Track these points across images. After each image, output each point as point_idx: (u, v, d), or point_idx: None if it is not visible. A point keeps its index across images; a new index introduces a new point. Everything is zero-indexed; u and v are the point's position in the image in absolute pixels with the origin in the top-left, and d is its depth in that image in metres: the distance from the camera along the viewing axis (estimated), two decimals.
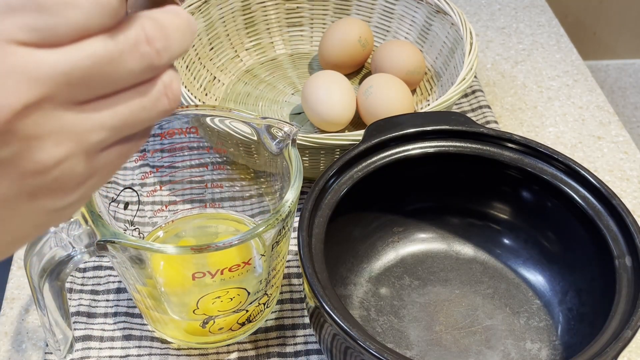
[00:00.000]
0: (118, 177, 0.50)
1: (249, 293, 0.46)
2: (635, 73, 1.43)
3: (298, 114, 0.67)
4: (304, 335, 0.50)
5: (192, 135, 0.50)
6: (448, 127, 0.50)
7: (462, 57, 0.62)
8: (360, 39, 0.68)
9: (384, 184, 0.50)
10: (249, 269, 0.44)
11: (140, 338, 0.50)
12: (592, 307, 0.46)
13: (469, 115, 0.67)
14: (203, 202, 0.54)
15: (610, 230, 0.45)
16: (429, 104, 0.66)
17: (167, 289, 0.46)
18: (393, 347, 0.47)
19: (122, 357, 0.49)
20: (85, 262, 0.52)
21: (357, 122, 0.66)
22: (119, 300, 0.52)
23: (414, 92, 0.69)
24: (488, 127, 0.54)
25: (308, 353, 0.49)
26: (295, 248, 0.54)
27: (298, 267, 0.54)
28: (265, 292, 0.47)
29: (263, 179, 0.52)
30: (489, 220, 0.53)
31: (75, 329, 0.50)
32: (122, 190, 0.49)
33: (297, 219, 0.49)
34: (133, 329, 0.50)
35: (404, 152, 0.49)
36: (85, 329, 0.50)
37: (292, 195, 0.42)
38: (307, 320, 0.51)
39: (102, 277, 0.53)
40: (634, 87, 1.44)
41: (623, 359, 0.51)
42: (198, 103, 0.57)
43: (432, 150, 0.50)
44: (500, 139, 0.50)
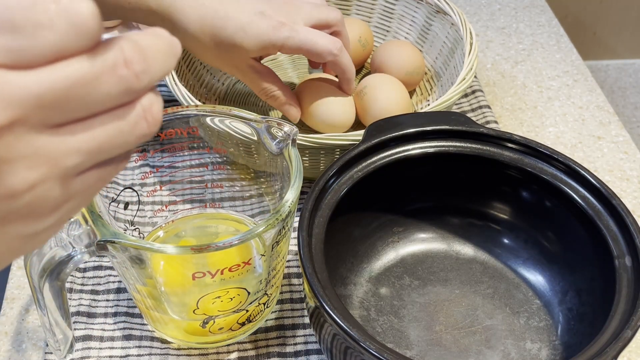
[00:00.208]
0: (118, 177, 0.50)
1: (249, 293, 0.46)
2: (635, 73, 1.43)
3: None
4: (304, 335, 0.50)
5: (192, 135, 0.50)
6: (448, 127, 0.50)
7: (462, 57, 0.62)
8: (360, 39, 0.68)
9: (384, 184, 0.50)
10: (249, 269, 0.44)
11: (140, 338, 0.50)
12: (592, 307, 0.46)
13: (469, 115, 0.67)
14: (203, 202, 0.54)
15: (610, 230, 0.45)
16: (429, 104, 0.66)
17: (167, 289, 0.46)
18: (393, 347, 0.47)
19: (122, 357, 0.49)
20: (85, 262, 0.52)
21: (356, 122, 0.66)
22: (119, 300, 0.52)
23: (414, 92, 0.69)
24: (488, 127, 0.54)
25: (308, 353, 0.49)
26: (295, 248, 0.54)
27: (298, 267, 0.54)
28: (265, 292, 0.47)
29: (263, 179, 0.52)
30: (489, 220, 0.53)
31: (75, 329, 0.50)
32: (122, 190, 0.49)
33: (297, 219, 0.49)
34: (133, 329, 0.50)
35: (404, 152, 0.49)
36: (85, 329, 0.50)
37: (292, 195, 0.42)
38: (307, 320, 0.51)
39: (102, 277, 0.53)
40: (634, 87, 1.44)
41: (623, 359, 0.51)
42: (198, 103, 0.57)
43: (432, 150, 0.50)
44: (500, 139, 0.50)
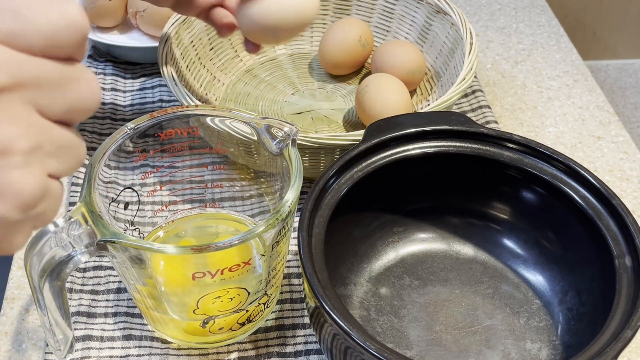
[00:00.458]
0: (118, 177, 0.50)
1: (249, 293, 0.46)
2: (635, 73, 1.43)
3: (298, 114, 0.67)
4: (304, 335, 0.50)
5: (192, 135, 0.50)
6: (448, 127, 0.50)
7: (462, 57, 0.62)
8: (360, 39, 0.68)
9: (384, 184, 0.50)
10: (249, 269, 0.44)
11: (140, 338, 0.50)
12: (592, 307, 0.46)
13: (469, 115, 0.67)
14: (203, 202, 0.54)
15: (610, 230, 0.45)
16: (429, 104, 0.66)
17: (167, 289, 0.46)
18: (393, 347, 0.47)
19: (122, 357, 0.49)
20: (85, 262, 0.52)
21: (356, 122, 0.66)
22: (119, 300, 0.52)
23: (414, 92, 0.69)
24: (488, 127, 0.54)
25: (308, 353, 0.49)
26: (295, 248, 0.54)
27: (298, 267, 0.54)
28: (265, 292, 0.47)
29: (263, 179, 0.52)
30: (489, 220, 0.53)
31: (75, 329, 0.50)
32: (122, 190, 0.49)
33: (297, 219, 0.49)
34: (133, 329, 0.50)
35: (404, 152, 0.49)
36: (85, 329, 0.50)
37: (292, 195, 0.42)
38: (307, 320, 0.51)
39: (102, 277, 0.53)
40: (634, 87, 1.44)
41: (623, 359, 0.51)
42: (198, 103, 0.57)
43: (432, 150, 0.50)
44: (500, 139, 0.50)
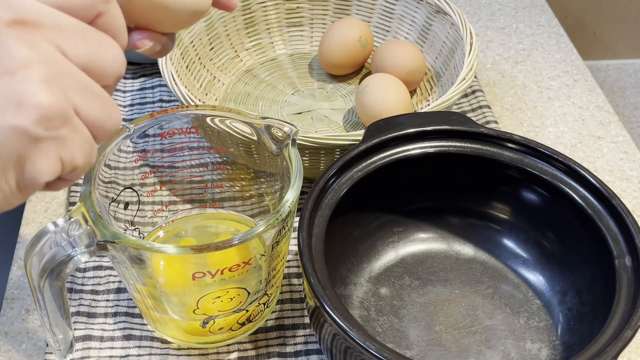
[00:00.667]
0: (118, 177, 0.50)
1: (249, 293, 0.46)
2: (635, 73, 1.43)
3: (298, 114, 0.67)
4: (304, 335, 0.50)
5: (192, 135, 0.50)
6: (448, 127, 0.50)
7: (462, 57, 0.62)
8: (360, 39, 0.68)
9: (384, 184, 0.50)
10: (249, 269, 0.44)
11: (140, 338, 0.50)
12: (592, 307, 0.46)
13: (469, 115, 0.67)
14: (203, 202, 0.54)
15: (610, 230, 0.45)
16: (429, 104, 0.66)
17: (167, 289, 0.46)
18: (393, 347, 0.47)
19: (122, 357, 0.49)
20: (85, 262, 0.52)
21: (356, 122, 0.66)
22: (119, 300, 0.52)
23: (414, 92, 0.69)
24: (488, 127, 0.54)
25: (308, 353, 0.49)
26: (295, 248, 0.54)
27: (298, 267, 0.54)
28: (265, 292, 0.47)
29: (263, 179, 0.52)
30: (489, 220, 0.53)
31: (75, 329, 0.50)
32: (122, 190, 0.49)
33: (297, 219, 0.49)
34: (133, 329, 0.50)
35: (404, 152, 0.49)
36: (85, 329, 0.50)
37: (292, 195, 0.42)
38: (307, 320, 0.51)
39: (102, 277, 0.53)
40: (634, 87, 1.44)
41: (623, 359, 0.51)
42: (198, 103, 0.57)
43: (432, 150, 0.50)
44: (500, 139, 0.50)
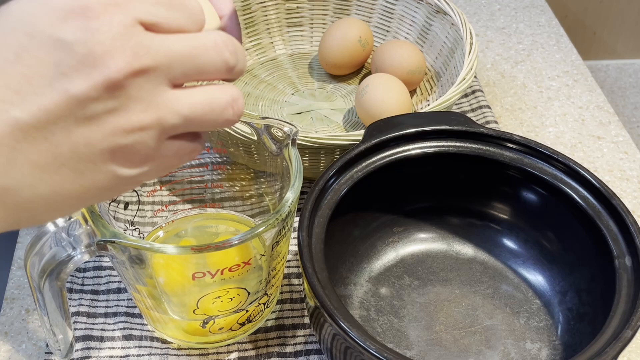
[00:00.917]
0: None
1: (249, 293, 0.46)
2: (635, 73, 1.43)
3: (298, 114, 0.67)
4: (304, 335, 0.50)
5: None
6: (448, 127, 0.50)
7: (462, 57, 0.62)
8: (360, 39, 0.68)
9: (384, 184, 0.50)
10: (249, 269, 0.44)
11: (140, 338, 0.50)
12: (592, 307, 0.46)
13: (469, 115, 0.67)
14: (203, 202, 0.54)
15: (610, 230, 0.45)
16: (429, 104, 0.66)
17: (167, 289, 0.46)
18: (393, 347, 0.47)
19: (122, 357, 0.49)
20: (85, 262, 0.52)
21: (356, 122, 0.66)
22: (119, 300, 0.52)
23: (414, 92, 0.69)
24: (488, 127, 0.54)
25: (308, 353, 0.49)
26: (295, 248, 0.54)
27: (298, 267, 0.54)
28: (265, 292, 0.47)
29: (263, 179, 0.52)
30: (489, 220, 0.53)
31: (75, 329, 0.50)
32: None
33: (297, 219, 0.49)
34: (133, 329, 0.50)
35: (404, 152, 0.49)
36: (85, 329, 0.50)
37: (292, 195, 0.42)
38: (307, 320, 0.51)
39: (102, 277, 0.53)
40: (634, 87, 1.44)
41: (623, 359, 0.51)
42: None
43: (432, 150, 0.50)
44: (500, 139, 0.50)
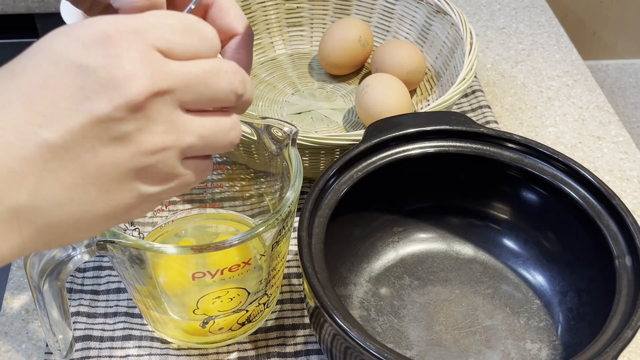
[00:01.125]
0: None
1: (249, 293, 0.46)
2: (635, 73, 1.43)
3: (298, 114, 0.67)
4: (304, 335, 0.50)
5: None
6: (448, 127, 0.50)
7: (462, 57, 0.62)
8: (360, 39, 0.68)
9: (384, 184, 0.50)
10: (249, 269, 0.44)
11: (140, 338, 0.50)
12: (592, 307, 0.46)
13: (469, 115, 0.67)
14: (203, 202, 0.54)
15: (610, 230, 0.45)
16: (429, 104, 0.66)
17: (167, 289, 0.46)
18: (393, 347, 0.47)
19: (122, 357, 0.49)
20: (85, 262, 0.52)
21: (356, 122, 0.66)
22: (119, 300, 0.52)
23: (414, 92, 0.69)
24: (488, 127, 0.54)
25: (308, 353, 0.49)
26: (295, 248, 0.54)
27: (298, 267, 0.54)
28: (265, 292, 0.47)
29: (263, 179, 0.52)
30: (489, 220, 0.53)
31: (75, 329, 0.50)
32: None
33: (297, 219, 0.49)
34: (133, 329, 0.50)
35: (404, 152, 0.49)
36: (85, 329, 0.50)
37: (292, 195, 0.42)
38: (307, 320, 0.51)
39: (102, 277, 0.53)
40: (634, 87, 1.44)
41: (623, 359, 0.51)
42: None
43: (432, 150, 0.50)
44: (500, 139, 0.50)
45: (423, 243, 0.53)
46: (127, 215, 0.30)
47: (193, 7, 0.36)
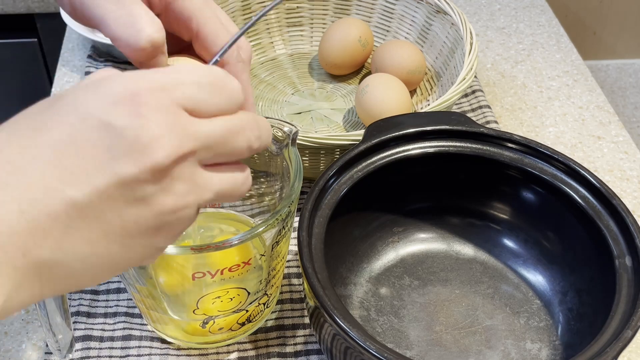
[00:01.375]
0: None
1: (249, 293, 0.46)
2: (635, 73, 1.43)
3: (298, 114, 0.67)
4: (304, 335, 0.50)
5: None
6: (448, 127, 0.50)
7: (462, 57, 0.62)
8: (360, 39, 0.68)
9: (384, 184, 0.50)
10: (249, 269, 0.44)
11: (140, 338, 0.50)
12: (592, 307, 0.46)
13: (469, 115, 0.67)
14: None
15: (610, 230, 0.45)
16: (429, 104, 0.66)
17: (167, 289, 0.46)
18: (393, 347, 0.47)
19: (122, 357, 0.49)
20: None
21: (356, 122, 0.66)
22: (119, 300, 0.52)
23: (414, 92, 0.69)
24: (488, 127, 0.54)
25: (308, 353, 0.49)
26: (295, 248, 0.54)
27: (298, 267, 0.54)
28: (265, 292, 0.47)
29: (263, 179, 0.52)
30: (489, 220, 0.53)
31: (75, 329, 0.50)
32: None
33: (297, 219, 0.49)
34: (133, 329, 0.50)
35: (404, 152, 0.49)
36: (85, 329, 0.50)
37: (292, 195, 0.42)
38: (307, 320, 0.51)
39: None
40: (634, 87, 1.44)
41: (623, 359, 0.51)
42: None
43: (432, 150, 0.50)
44: (500, 139, 0.50)
45: (423, 243, 0.53)
46: (140, 264, 0.31)
47: (219, 59, 0.36)
